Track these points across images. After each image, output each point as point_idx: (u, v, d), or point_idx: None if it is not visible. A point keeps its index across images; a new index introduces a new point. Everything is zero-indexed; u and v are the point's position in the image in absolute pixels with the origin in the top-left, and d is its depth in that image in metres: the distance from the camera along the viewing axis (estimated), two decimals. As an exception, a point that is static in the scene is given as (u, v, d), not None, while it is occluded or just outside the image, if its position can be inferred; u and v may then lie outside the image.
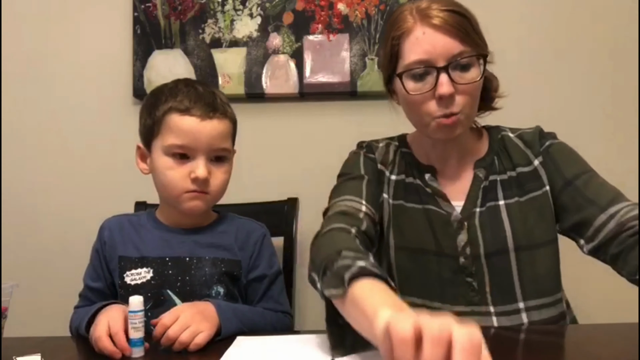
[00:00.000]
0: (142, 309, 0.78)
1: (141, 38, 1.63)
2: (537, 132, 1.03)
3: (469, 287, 0.95)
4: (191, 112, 0.95)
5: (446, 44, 0.89)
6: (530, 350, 0.81)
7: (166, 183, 0.97)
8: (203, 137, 0.95)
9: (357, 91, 1.58)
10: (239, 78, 1.61)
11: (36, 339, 0.89)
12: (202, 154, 0.96)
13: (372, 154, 1.07)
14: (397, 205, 1.02)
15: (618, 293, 1.16)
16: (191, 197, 0.96)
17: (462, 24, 0.90)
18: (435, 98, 0.91)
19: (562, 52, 1.59)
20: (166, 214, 1.04)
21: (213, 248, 1.01)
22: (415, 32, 0.91)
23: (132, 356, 0.77)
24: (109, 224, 1.05)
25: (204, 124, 0.95)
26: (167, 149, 0.96)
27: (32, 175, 1.67)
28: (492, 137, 1.05)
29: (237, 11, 1.62)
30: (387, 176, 1.05)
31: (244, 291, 1.04)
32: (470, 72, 0.91)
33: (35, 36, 1.69)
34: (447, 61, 0.89)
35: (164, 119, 0.96)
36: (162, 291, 0.96)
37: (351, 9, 1.59)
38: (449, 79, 0.89)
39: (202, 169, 0.95)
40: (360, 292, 0.66)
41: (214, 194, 0.99)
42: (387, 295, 0.65)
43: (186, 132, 0.94)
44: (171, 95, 0.97)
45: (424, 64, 0.90)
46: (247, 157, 1.60)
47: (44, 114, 1.68)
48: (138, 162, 1.03)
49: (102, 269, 1.02)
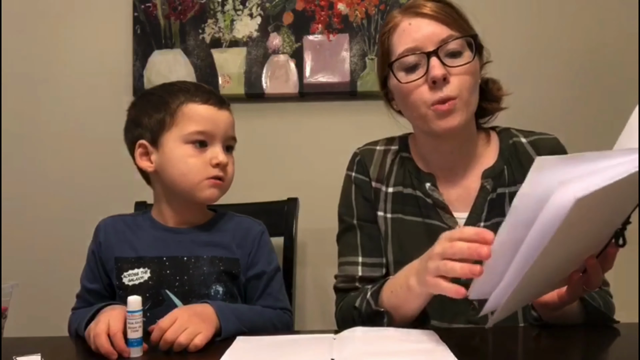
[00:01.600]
0: (141, 309, 0.78)
1: (141, 38, 1.63)
2: (555, 151, 0.96)
3: (469, 305, 0.93)
4: (209, 102, 1.00)
5: (434, 29, 0.90)
6: (530, 351, 0.81)
7: (187, 171, 0.98)
8: (221, 123, 1.00)
9: (357, 91, 1.58)
10: (239, 78, 1.61)
11: (36, 339, 0.89)
12: (220, 140, 1.00)
13: (364, 174, 1.04)
14: (396, 218, 1.00)
15: (618, 293, 1.15)
16: (210, 185, 0.99)
17: (448, 10, 0.92)
18: (428, 84, 0.90)
19: (562, 52, 1.59)
20: (163, 212, 1.04)
21: (211, 247, 1.01)
22: (402, 25, 0.93)
23: (131, 356, 0.77)
24: (104, 225, 1.05)
25: (220, 112, 1.01)
26: (188, 136, 0.98)
27: (32, 175, 1.67)
28: (502, 142, 1.00)
29: (237, 11, 1.62)
30: (383, 191, 1.03)
31: (243, 289, 1.04)
32: (463, 57, 0.91)
33: (35, 36, 1.69)
34: (436, 45, 0.89)
35: (179, 109, 0.99)
36: (160, 291, 0.96)
37: (351, 9, 1.59)
38: (440, 62, 0.89)
39: (223, 155, 0.99)
40: (386, 291, 0.88)
41: (228, 183, 1.03)
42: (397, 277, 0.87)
43: (207, 119, 0.99)
44: (182, 91, 1.02)
45: (413, 51, 0.91)
46: (247, 157, 1.59)
47: (44, 114, 1.68)
48: (139, 160, 1.02)
49: (99, 270, 1.02)
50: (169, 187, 1.01)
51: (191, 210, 1.03)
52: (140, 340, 0.78)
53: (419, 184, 1.00)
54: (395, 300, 0.86)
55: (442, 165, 1.00)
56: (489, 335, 0.86)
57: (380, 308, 0.87)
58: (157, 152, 1.00)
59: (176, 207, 1.03)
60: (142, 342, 0.78)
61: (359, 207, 1.04)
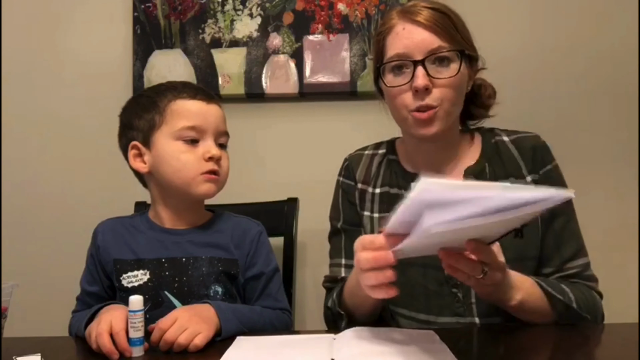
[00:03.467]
0: (142, 308, 0.78)
1: (141, 38, 1.63)
2: (536, 147, 1.00)
3: (454, 298, 0.95)
4: (197, 97, 1.01)
5: (425, 39, 0.91)
6: (530, 351, 0.81)
7: (180, 167, 0.97)
8: (211, 117, 1.00)
9: (357, 91, 1.58)
10: (239, 78, 1.61)
11: (36, 339, 0.89)
12: (211, 135, 0.99)
13: (350, 179, 1.08)
14: (383, 217, 1.02)
15: (618, 293, 1.16)
16: (205, 180, 0.98)
17: (442, 21, 0.92)
18: (412, 91, 0.92)
19: (561, 52, 1.59)
20: (160, 213, 1.03)
21: (209, 247, 1.01)
22: (397, 28, 0.94)
23: (132, 356, 0.77)
24: (102, 228, 1.05)
25: (209, 107, 1.01)
26: (179, 132, 0.98)
27: (32, 175, 1.67)
28: (485, 141, 1.03)
29: (237, 11, 1.62)
30: (370, 192, 1.06)
31: (242, 290, 1.04)
32: (450, 68, 0.92)
33: (35, 36, 1.68)
34: (424, 55, 0.91)
35: (168, 107, 0.99)
36: (159, 293, 0.96)
37: (351, 9, 1.59)
38: (424, 73, 0.90)
39: (215, 148, 0.99)
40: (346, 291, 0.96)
41: (223, 178, 1.02)
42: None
43: (196, 113, 0.99)
44: (168, 88, 1.02)
45: (402, 57, 0.93)
46: (247, 157, 1.61)
47: (44, 114, 1.68)
48: (133, 161, 1.02)
49: (98, 273, 1.02)
50: (165, 187, 1.01)
51: (188, 211, 1.03)
52: (142, 340, 0.79)
53: (405, 184, 1.03)
54: (354, 300, 0.94)
55: (426, 164, 1.02)
56: (489, 335, 0.87)
57: (341, 310, 0.95)
58: (149, 152, 1.00)
59: (173, 208, 1.03)
60: (143, 341, 0.79)
61: (345, 211, 1.08)
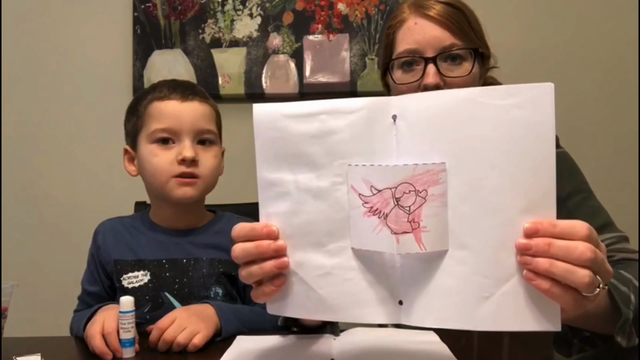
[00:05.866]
0: (133, 309, 0.78)
1: (141, 38, 1.63)
2: None
3: None
4: (170, 96, 0.96)
5: (437, 35, 0.88)
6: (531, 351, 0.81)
7: (152, 171, 0.95)
8: (186, 117, 0.95)
9: (357, 91, 1.58)
10: (239, 78, 1.61)
11: (36, 339, 0.89)
12: (187, 135, 0.95)
13: None
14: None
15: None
16: (180, 184, 0.94)
17: (456, 17, 0.89)
18: (421, 89, 0.89)
19: (562, 52, 1.59)
20: (160, 214, 1.03)
21: (210, 249, 1.00)
22: (408, 22, 0.91)
23: (123, 357, 0.76)
24: (103, 228, 1.04)
25: (185, 105, 0.96)
26: (151, 135, 0.95)
27: (32, 175, 1.67)
28: None
29: (237, 11, 1.62)
30: None
31: (243, 291, 1.04)
32: (462, 66, 0.89)
33: (35, 36, 1.69)
34: (436, 52, 0.88)
35: (146, 110, 0.97)
36: (160, 294, 0.96)
37: (351, 9, 1.59)
38: (436, 71, 0.88)
39: (189, 149, 0.93)
40: None
41: (205, 179, 0.97)
42: None
43: (168, 115, 0.95)
44: (151, 89, 1.00)
45: (412, 53, 0.90)
46: (247, 157, 1.59)
47: (44, 114, 1.68)
48: (126, 165, 1.02)
49: (99, 273, 1.02)
50: (150, 190, 1.01)
51: (185, 212, 1.02)
52: (132, 341, 0.77)
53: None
54: None
55: None
56: (489, 335, 0.86)
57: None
58: (136, 156, 1.00)
59: (169, 209, 1.01)
60: (134, 342, 0.78)
61: None
